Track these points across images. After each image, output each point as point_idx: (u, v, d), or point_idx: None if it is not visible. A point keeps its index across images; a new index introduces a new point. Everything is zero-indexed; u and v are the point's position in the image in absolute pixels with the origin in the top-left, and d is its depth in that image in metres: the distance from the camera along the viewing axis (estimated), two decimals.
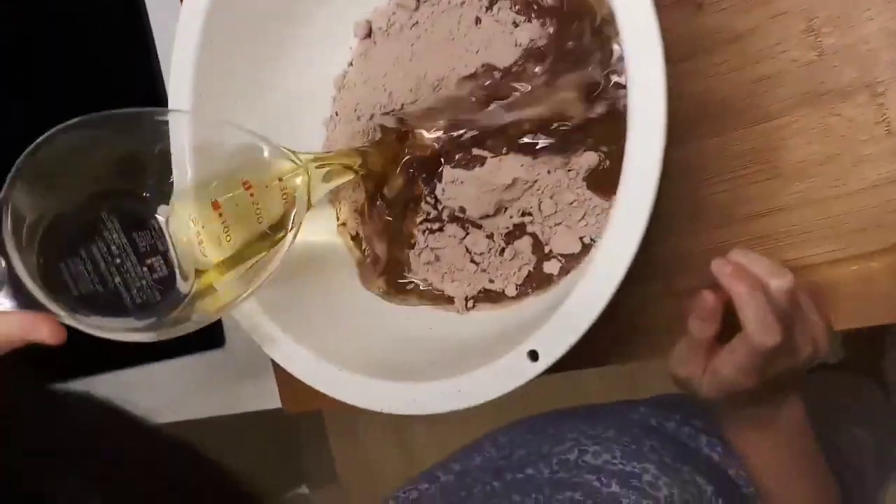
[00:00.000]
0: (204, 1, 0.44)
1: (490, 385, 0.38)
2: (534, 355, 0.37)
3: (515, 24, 0.45)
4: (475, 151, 0.45)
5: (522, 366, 0.37)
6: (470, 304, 0.48)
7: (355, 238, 0.52)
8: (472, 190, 0.45)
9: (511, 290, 0.46)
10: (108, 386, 0.76)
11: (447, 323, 0.48)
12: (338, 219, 0.53)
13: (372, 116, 0.47)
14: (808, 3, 0.41)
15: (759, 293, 0.35)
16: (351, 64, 0.52)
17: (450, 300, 0.48)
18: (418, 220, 0.48)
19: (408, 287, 0.49)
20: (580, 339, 0.36)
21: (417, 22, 0.48)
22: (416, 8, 0.48)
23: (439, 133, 0.46)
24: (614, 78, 0.42)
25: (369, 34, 0.50)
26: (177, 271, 0.38)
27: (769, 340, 0.34)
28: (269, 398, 0.64)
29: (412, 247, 0.49)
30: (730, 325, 0.37)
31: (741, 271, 0.35)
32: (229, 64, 0.46)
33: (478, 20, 0.46)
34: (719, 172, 0.44)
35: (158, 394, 0.74)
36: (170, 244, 0.38)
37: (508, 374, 0.38)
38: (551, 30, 0.43)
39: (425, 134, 0.46)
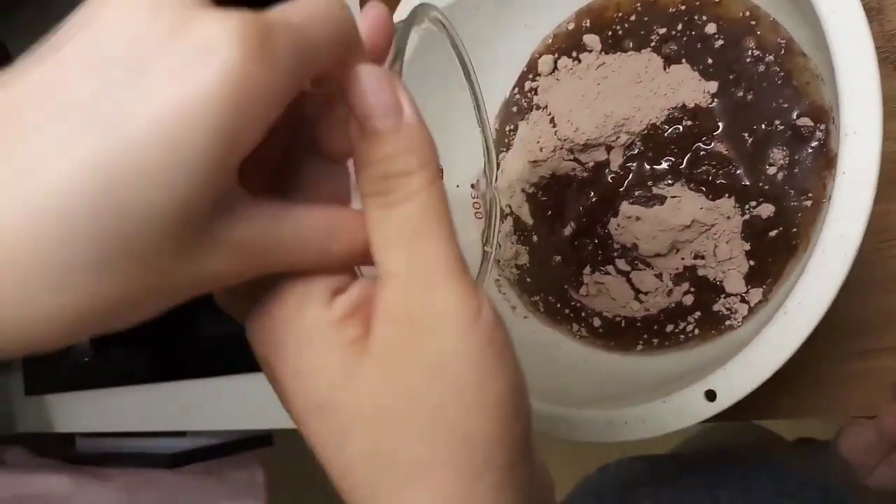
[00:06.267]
0: None
1: (661, 420, 0.39)
2: (711, 395, 0.37)
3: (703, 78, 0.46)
4: (655, 190, 0.46)
5: (698, 404, 0.38)
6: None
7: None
8: (648, 227, 0.46)
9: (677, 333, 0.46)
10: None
11: (602, 356, 0.49)
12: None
13: (555, 149, 0.49)
14: None
15: None
16: (529, 97, 0.54)
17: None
18: (586, 252, 0.49)
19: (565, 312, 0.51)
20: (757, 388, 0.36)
21: (604, 63, 0.50)
22: (602, 51, 0.50)
23: (623, 169, 0.47)
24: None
25: (553, 71, 0.53)
26: None
27: None
28: None
29: (578, 278, 0.50)
30: None
31: None
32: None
33: (666, 66, 0.47)
34: None
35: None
36: None
37: (682, 410, 0.38)
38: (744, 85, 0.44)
39: (609, 168, 0.48)
